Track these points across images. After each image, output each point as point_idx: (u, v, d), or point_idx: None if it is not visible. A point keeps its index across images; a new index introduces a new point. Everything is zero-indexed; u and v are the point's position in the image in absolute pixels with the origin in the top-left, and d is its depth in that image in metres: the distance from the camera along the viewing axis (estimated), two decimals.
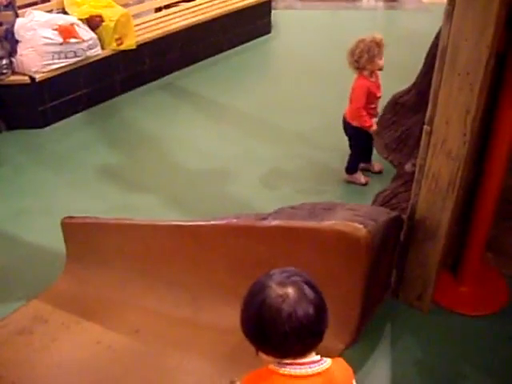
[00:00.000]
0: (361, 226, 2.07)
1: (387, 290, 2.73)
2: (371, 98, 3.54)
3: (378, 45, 3.41)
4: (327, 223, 2.12)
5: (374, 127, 3.62)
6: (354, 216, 2.17)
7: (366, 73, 3.48)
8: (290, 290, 1.32)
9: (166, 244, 2.55)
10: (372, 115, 3.62)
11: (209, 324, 2.44)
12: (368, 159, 3.90)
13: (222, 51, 5.99)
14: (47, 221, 3.38)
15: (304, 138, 4.39)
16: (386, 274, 2.65)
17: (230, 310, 2.36)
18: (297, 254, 2.18)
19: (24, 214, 3.60)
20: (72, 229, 2.95)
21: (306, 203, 2.58)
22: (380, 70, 3.52)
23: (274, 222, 2.23)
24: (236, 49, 6.10)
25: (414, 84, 4.10)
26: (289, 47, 6.32)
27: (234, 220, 2.36)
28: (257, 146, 4.30)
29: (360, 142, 3.75)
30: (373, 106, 3.59)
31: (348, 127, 3.68)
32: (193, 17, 5.72)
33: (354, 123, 3.62)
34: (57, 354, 2.50)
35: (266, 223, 2.24)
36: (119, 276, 2.79)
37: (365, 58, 3.41)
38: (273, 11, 6.56)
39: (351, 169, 3.82)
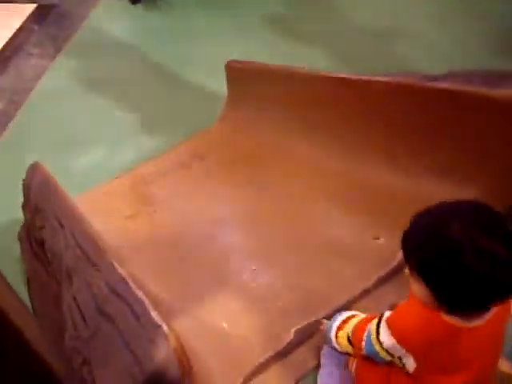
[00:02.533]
0: None
1: None
2: None
3: None
4: (505, 91, 1.94)
5: None
6: None
7: None
8: (502, 251, 1.13)
9: (329, 94, 2.50)
10: None
11: (359, 180, 2.42)
12: None
13: None
14: (211, 65, 3.44)
15: None
16: None
17: (381, 170, 2.37)
18: (464, 123, 2.05)
19: (189, 57, 3.71)
20: (235, 72, 2.98)
21: (480, 69, 2.37)
22: None
23: (444, 85, 2.09)
24: None
25: None
26: None
27: (401, 78, 2.25)
28: None
29: None
30: None
31: None
32: None
33: None
34: (211, 188, 2.66)
35: (435, 85, 2.11)
36: (275, 123, 2.81)
37: None
38: None
39: None
